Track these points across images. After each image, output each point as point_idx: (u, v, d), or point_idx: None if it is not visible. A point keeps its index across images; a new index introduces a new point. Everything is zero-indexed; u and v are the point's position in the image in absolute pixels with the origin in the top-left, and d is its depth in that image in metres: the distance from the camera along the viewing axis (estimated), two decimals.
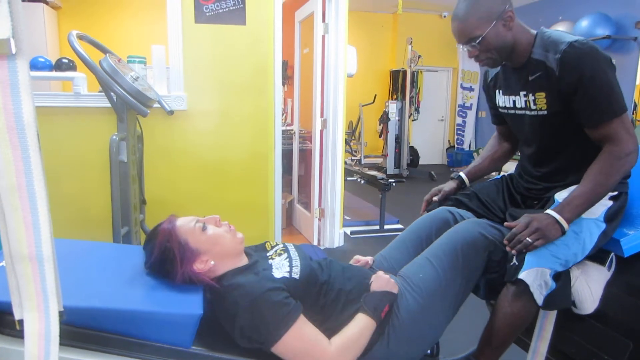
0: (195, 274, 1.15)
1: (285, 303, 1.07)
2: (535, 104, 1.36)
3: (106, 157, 1.93)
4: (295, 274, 1.16)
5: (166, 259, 1.15)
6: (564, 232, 1.25)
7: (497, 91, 1.52)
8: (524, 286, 1.24)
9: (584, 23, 5.82)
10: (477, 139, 9.13)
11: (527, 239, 1.23)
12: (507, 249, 1.27)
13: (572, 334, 1.46)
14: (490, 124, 1.73)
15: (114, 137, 1.93)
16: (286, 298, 1.08)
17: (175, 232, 1.16)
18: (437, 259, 1.27)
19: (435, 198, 1.66)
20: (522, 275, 1.24)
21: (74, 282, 1.09)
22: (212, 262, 1.17)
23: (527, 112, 1.41)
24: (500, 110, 1.54)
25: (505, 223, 1.31)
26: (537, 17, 7.00)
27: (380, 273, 1.26)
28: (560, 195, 1.36)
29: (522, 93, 1.40)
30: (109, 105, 2.02)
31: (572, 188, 1.35)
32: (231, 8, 2.69)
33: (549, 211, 1.27)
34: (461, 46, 1.35)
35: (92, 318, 1.03)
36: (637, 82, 5.60)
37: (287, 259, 1.22)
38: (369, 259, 1.46)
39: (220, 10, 2.69)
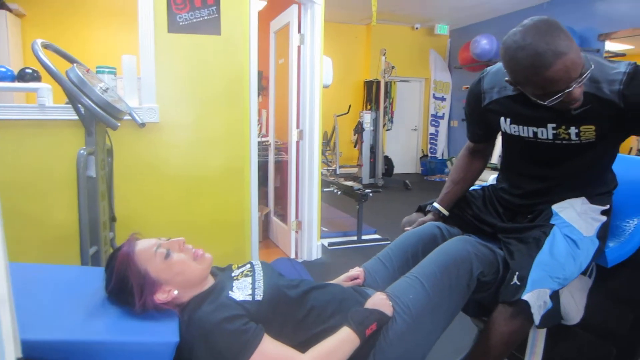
0: (156, 305, 1.07)
1: (243, 330, 1.01)
2: (578, 135, 1.27)
3: (73, 173, 1.83)
4: (259, 296, 1.10)
5: (124, 288, 1.07)
6: None
7: (501, 118, 1.40)
8: (523, 306, 1.23)
9: None
10: (449, 147, 9.32)
11: None
12: None
13: (558, 343, 1.47)
14: (463, 133, 1.69)
15: (82, 151, 1.84)
16: (245, 324, 1.02)
17: (134, 260, 1.08)
18: (427, 279, 1.23)
19: (407, 228, 1.58)
20: (526, 297, 1.22)
21: (35, 312, 1.01)
22: (176, 292, 1.09)
23: (557, 141, 1.32)
24: (507, 134, 1.43)
25: None
26: (507, 30, 7.16)
27: (379, 294, 1.22)
28: (558, 207, 1.36)
29: (550, 125, 1.30)
30: (77, 117, 1.92)
31: (571, 200, 1.35)
32: (206, 18, 2.63)
33: None
34: (565, 91, 1.11)
35: (57, 352, 0.94)
36: None
37: (251, 281, 1.16)
38: (358, 272, 1.40)
39: (195, 20, 2.62)
